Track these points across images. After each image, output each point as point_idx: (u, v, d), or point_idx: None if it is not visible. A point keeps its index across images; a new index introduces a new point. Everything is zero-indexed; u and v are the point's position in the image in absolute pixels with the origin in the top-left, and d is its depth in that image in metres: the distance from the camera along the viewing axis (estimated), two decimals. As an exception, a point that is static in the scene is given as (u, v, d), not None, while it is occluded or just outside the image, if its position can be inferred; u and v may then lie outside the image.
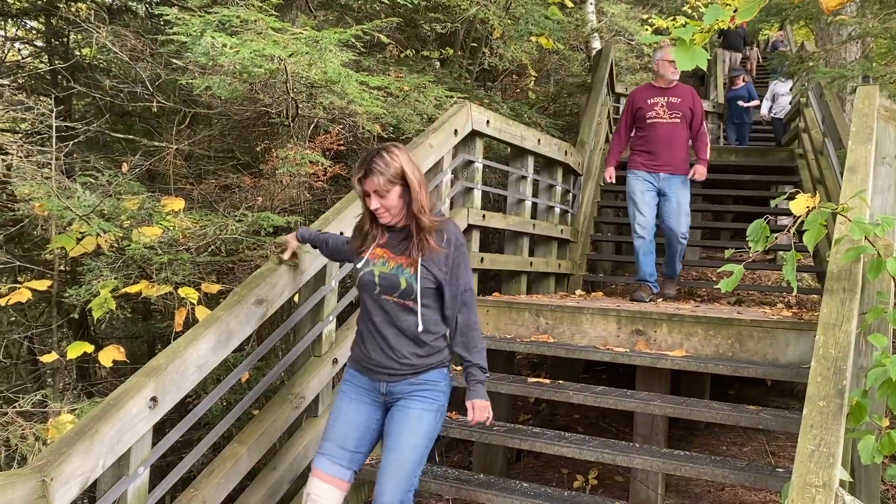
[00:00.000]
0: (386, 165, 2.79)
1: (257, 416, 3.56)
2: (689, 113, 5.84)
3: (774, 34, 17.41)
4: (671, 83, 5.85)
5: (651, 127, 5.80)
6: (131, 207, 3.77)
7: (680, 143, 5.79)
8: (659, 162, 5.79)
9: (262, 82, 4.26)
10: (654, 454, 3.63)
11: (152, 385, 2.85)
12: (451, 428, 4.03)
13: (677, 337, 4.43)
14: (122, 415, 2.73)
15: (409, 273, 2.83)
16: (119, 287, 3.58)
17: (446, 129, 4.78)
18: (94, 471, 2.65)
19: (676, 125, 5.79)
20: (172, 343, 3.11)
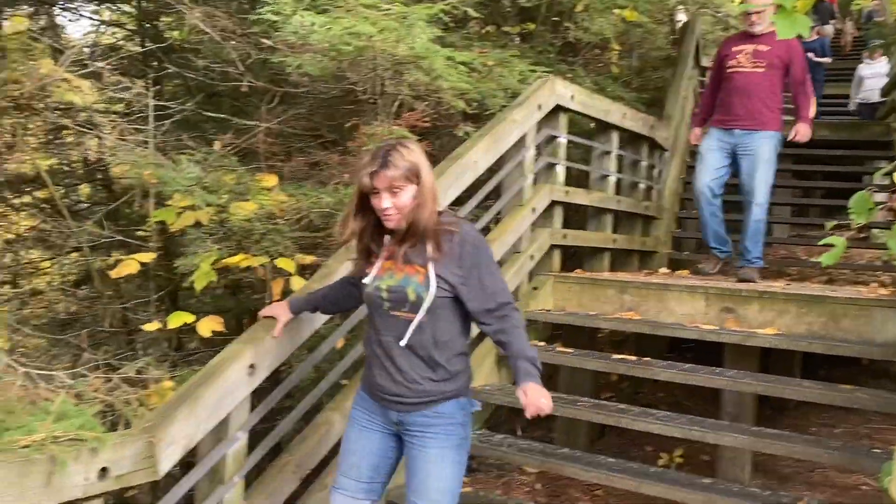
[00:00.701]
0: (403, 159, 2.51)
1: (348, 385, 3.66)
2: (779, 62, 5.22)
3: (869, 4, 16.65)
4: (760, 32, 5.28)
5: (729, 78, 5.30)
6: (229, 182, 3.90)
7: (760, 94, 5.18)
8: (733, 116, 5.27)
9: (350, 60, 4.32)
10: (744, 432, 3.58)
11: (250, 353, 2.96)
12: (536, 402, 4.04)
13: (768, 315, 4.34)
14: (222, 381, 2.85)
15: (418, 282, 2.53)
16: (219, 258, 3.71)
17: (530, 104, 4.76)
18: (196, 434, 2.78)
19: (759, 74, 5.18)
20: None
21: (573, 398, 4.16)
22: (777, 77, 5.22)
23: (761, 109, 5.19)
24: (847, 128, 9.12)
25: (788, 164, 8.52)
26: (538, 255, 5.04)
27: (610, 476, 3.45)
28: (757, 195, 5.20)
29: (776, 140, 5.26)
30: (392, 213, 2.52)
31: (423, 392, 2.57)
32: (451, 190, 4.18)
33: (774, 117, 5.24)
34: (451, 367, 2.60)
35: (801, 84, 5.30)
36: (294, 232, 3.95)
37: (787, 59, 5.23)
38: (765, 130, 5.19)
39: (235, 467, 2.99)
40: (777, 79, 5.23)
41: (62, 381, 3.66)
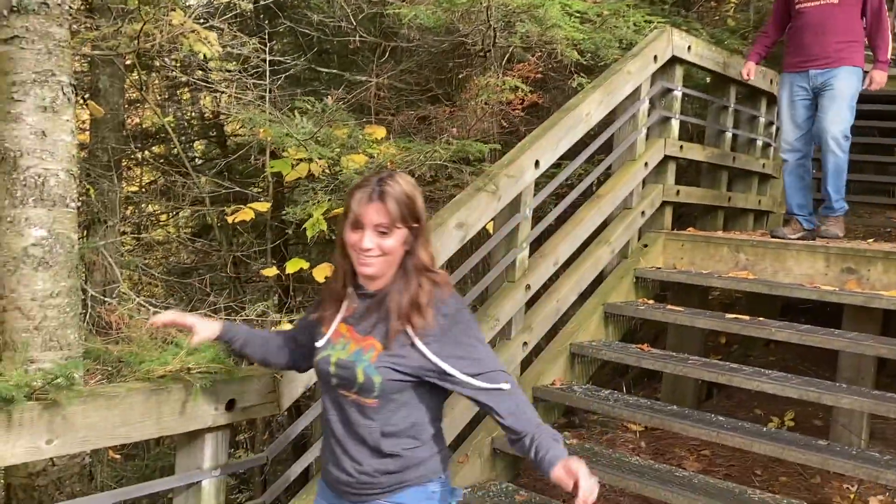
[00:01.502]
0: (405, 195, 2.01)
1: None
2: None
3: None
4: None
5: (799, 15, 4.85)
6: (341, 135, 3.99)
7: (837, 29, 4.72)
8: (807, 56, 4.80)
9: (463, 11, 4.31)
10: (863, 394, 3.45)
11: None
12: (644, 359, 4.02)
13: (893, 276, 4.13)
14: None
15: (370, 361, 2.01)
16: (331, 209, 3.82)
17: (645, 55, 4.64)
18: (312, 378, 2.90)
19: (832, 7, 4.72)
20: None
21: (683, 356, 4.10)
22: (853, 9, 4.76)
23: (838, 45, 4.74)
24: None
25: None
26: (649, 211, 4.96)
27: (721, 434, 3.39)
28: (834, 132, 4.74)
29: (855, 76, 4.79)
30: (372, 260, 2.01)
31: (376, 484, 2.08)
32: (562, 143, 4.15)
33: (854, 53, 4.78)
34: (413, 454, 2.08)
35: (877, 18, 4.78)
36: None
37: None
38: (845, 66, 4.76)
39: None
40: (853, 12, 4.76)
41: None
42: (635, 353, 4.09)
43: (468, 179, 4.19)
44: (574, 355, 4.21)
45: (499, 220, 3.90)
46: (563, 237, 4.32)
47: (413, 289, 2.02)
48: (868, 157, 8.29)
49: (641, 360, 4.03)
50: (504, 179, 3.72)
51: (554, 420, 4.25)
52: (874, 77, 4.83)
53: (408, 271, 2.05)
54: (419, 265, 2.05)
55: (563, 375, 4.17)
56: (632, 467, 3.48)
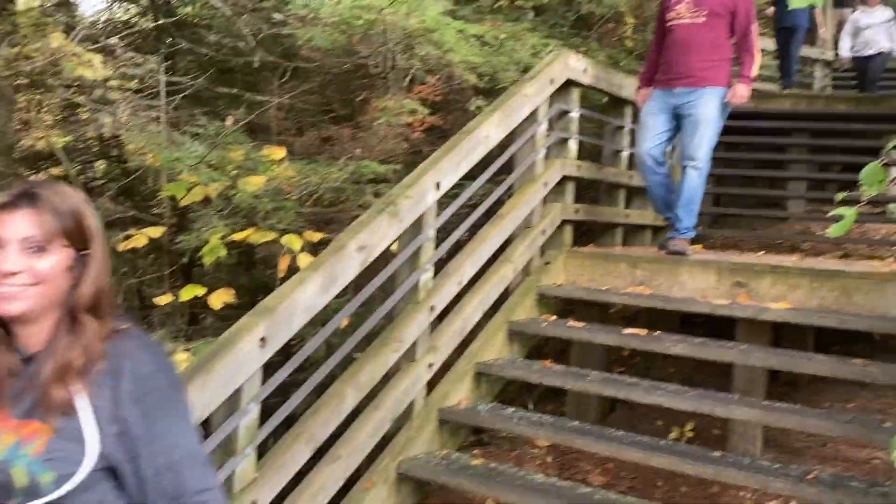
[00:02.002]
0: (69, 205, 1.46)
1: (360, 359, 3.69)
2: (722, 9, 4.71)
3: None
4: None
5: (669, 32, 4.81)
6: (237, 158, 3.92)
7: (702, 48, 4.68)
8: (673, 73, 4.77)
9: (361, 34, 4.31)
10: (754, 405, 3.58)
11: (263, 325, 2.99)
12: (547, 376, 4.07)
13: (781, 289, 4.31)
14: (234, 353, 2.88)
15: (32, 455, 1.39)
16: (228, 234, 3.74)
17: (542, 78, 4.74)
18: (209, 405, 2.81)
19: (700, 25, 4.68)
20: (281, 286, 3.25)
21: (584, 372, 4.17)
22: (722, 27, 4.73)
23: (704, 64, 4.70)
24: (866, 101, 8.99)
25: (805, 138, 8.44)
26: (550, 229, 5.03)
27: (620, 449, 3.46)
28: (697, 157, 4.73)
29: (720, 98, 4.77)
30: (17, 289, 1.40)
31: None
32: (462, 164, 4.19)
33: (719, 72, 4.76)
34: None
35: (743, 36, 4.77)
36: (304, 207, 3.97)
37: (732, 7, 4.73)
38: (707, 87, 4.72)
39: (248, 439, 3.03)
40: (722, 29, 4.74)
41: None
42: (538, 371, 4.14)
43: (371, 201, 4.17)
44: (479, 374, 4.23)
45: (402, 242, 3.89)
46: (466, 257, 4.35)
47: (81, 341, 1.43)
48: (761, 173, 8.69)
49: (544, 378, 4.08)
50: (406, 201, 3.72)
51: (462, 440, 4.26)
52: (737, 90, 4.77)
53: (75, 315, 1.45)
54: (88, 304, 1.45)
55: (469, 395, 4.18)
56: (536, 486, 3.50)
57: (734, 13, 4.71)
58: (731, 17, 4.71)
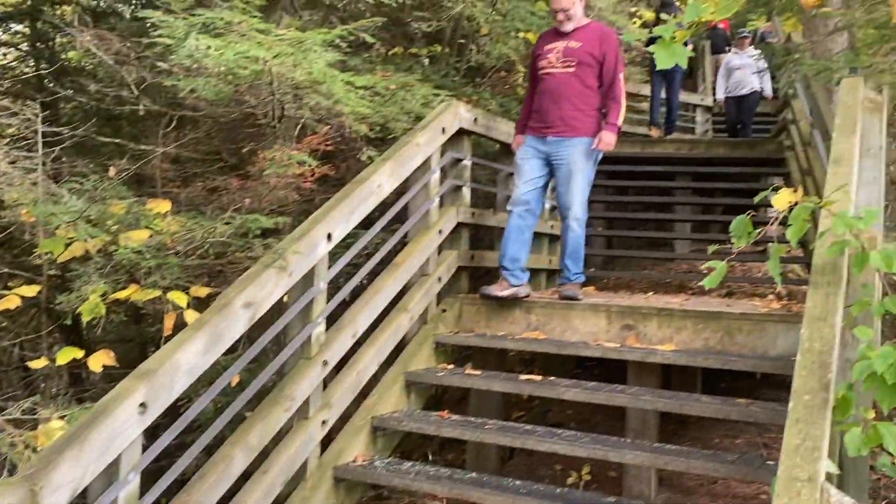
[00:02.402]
0: None
1: (249, 419, 3.56)
2: (591, 59, 4.73)
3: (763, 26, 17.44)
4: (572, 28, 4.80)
5: (542, 80, 4.84)
6: (118, 212, 3.77)
7: (573, 98, 4.72)
8: (544, 122, 4.80)
9: (248, 84, 4.25)
10: (645, 449, 3.64)
11: (142, 390, 2.85)
12: (444, 427, 4.04)
13: (667, 331, 4.44)
14: (111, 421, 2.73)
15: None
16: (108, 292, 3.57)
17: (434, 128, 4.78)
18: (84, 478, 2.65)
19: (570, 75, 4.72)
20: (162, 347, 3.11)
21: (481, 421, 4.16)
22: (591, 76, 4.76)
23: (574, 114, 4.74)
24: (743, 145, 9.49)
25: (688, 181, 8.82)
26: (446, 276, 5.05)
27: (516, 499, 3.45)
28: (573, 209, 4.81)
29: (592, 149, 4.82)
30: None
31: None
32: (355, 214, 4.15)
33: (589, 122, 4.78)
34: None
35: (611, 85, 4.80)
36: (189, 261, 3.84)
37: (601, 57, 4.77)
38: (578, 137, 4.76)
39: (128, 511, 2.86)
40: (591, 78, 4.76)
41: (-59, 426, 3.45)
42: (435, 422, 4.10)
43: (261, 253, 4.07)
44: (376, 428, 4.16)
45: (292, 295, 3.81)
46: (361, 308, 4.29)
47: None
48: (649, 215, 9.01)
49: (441, 429, 4.04)
50: (294, 255, 3.65)
51: (360, 497, 4.16)
52: (603, 137, 4.78)
53: None
54: None
55: (366, 450, 4.10)
56: (433, 541, 3.45)
57: (602, 62, 4.76)
58: (599, 66, 4.77)
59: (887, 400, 2.32)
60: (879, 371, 2.26)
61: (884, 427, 2.30)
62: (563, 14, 4.75)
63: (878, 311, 2.57)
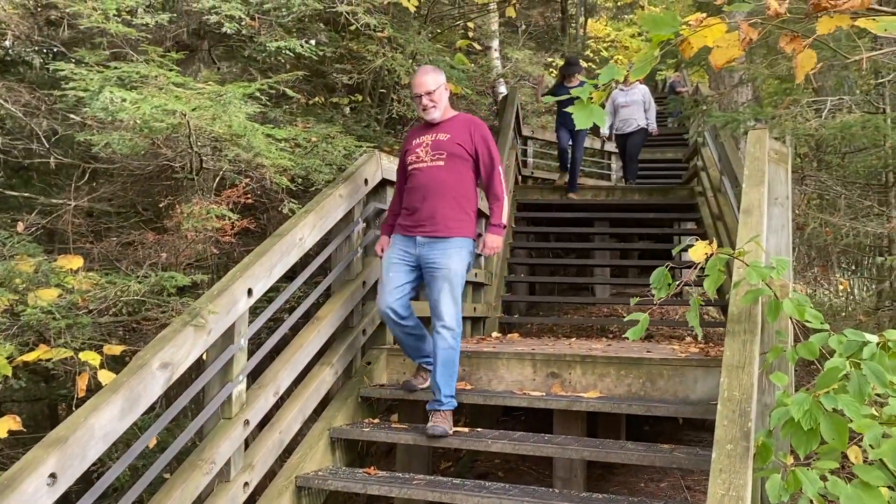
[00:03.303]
0: None
1: (167, 484, 3.41)
2: (462, 151, 4.30)
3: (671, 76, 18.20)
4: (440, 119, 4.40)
5: (411, 176, 4.39)
6: (27, 269, 3.61)
7: (445, 194, 4.25)
8: (415, 221, 4.31)
9: (165, 136, 4.17)
10: (573, 500, 3.63)
11: (52, 460, 2.70)
12: (370, 484, 3.95)
13: (591, 378, 4.49)
14: (17, 495, 2.57)
15: None
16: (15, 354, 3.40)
17: (356, 179, 4.77)
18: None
19: (440, 169, 4.27)
20: (74, 412, 2.97)
21: (409, 476, 4.09)
22: (464, 171, 4.31)
23: (446, 212, 4.24)
24: (657, 192, 9.81)
25: (606, 227, 9.04)
26: (371, 328, 5.00)
27: (446, 556, 3.39)
28: (445, 319, 4.21)
29: (466, 250, 4.31)
30: None
31: None
32: (276, 269, 4.08)
33: (464, 221, 4.30)
34: None
35: (489, 180, 4.36)
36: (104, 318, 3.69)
37: (472, 150, 4.33)
38: (452, 237, 4.25)
39: (34, 590, 2.68)
40: (465, 173, 4.32)
41: None
42: (362, 479, 4.02)
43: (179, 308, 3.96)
44: (300, 489, 4.04)
45: (212, 353, 3.70)
46: (283, 364, 4.20)
47: None
48: (570, 261, 9.17)
49: (368, 487, 3.95)
50: (212, 315, 3.55)
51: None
52: (487, 241, 4.35)
53: None
54: None
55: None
56: None
57: (476, 156, 4.34)
58: (473, 160, 4.34)
59: (803, 445, 2.38)
60: (796, 417, 2.32)
61: (801, 472, 2.36)
62: (426, 98, 4.30)
63: (792, 357, 2.65)
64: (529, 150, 11.06)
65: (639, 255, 9.64)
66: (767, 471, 2.46)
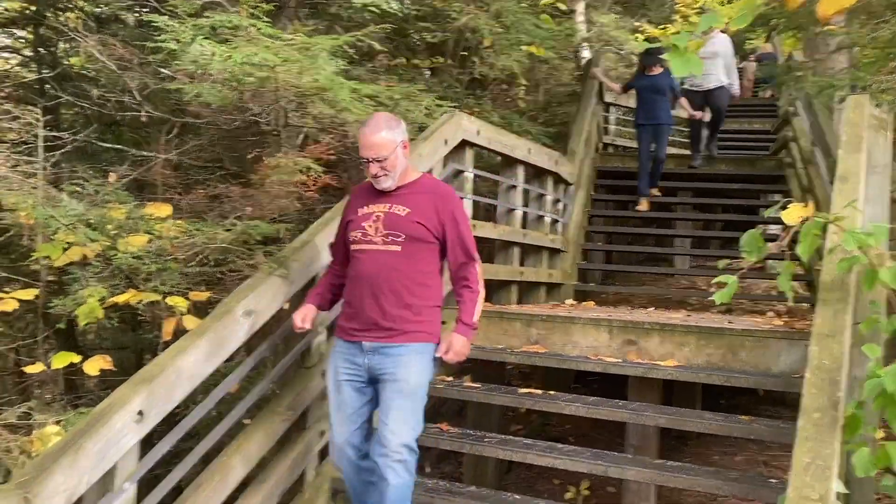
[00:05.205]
0: None
1: (247, 429, 3.52)
2: (424, 232, 3.21)
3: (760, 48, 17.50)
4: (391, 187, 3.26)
5: (355, 260, 3.29)
6: (118, 217, 3.74)
7: (398, 288, 3.18)
8: (359, 323, 3.23)
9: (252, 91, 4.23)
10: (646, 465, 3.60)
11: (139, 398, 2.81)
12: (443, 440, 3.99)
13: (669, 347, 4.41)
14: (106, 430, 2.69)
15: None
16: (106, 297, 3.54)
17: (436, 139, 4.76)
18: (78, 487, 2.60)
19: (394, 256, 3.19)
20: (160, 354, 3.07)
21: (480, 434, 4.12)
22: (426, 258, 3.26)
23: (399, 312, 3.18)
24: (744, 162, 9.50)
25: (689, 197, 8.82)
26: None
27: (516, 514, 3.41)
28: (396, 442, 3.12)
29: (428, 357, 3.28)
30: None
31: None
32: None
33: (423, 323, 3.25)
34: None
35: (461, 266, 3.32)
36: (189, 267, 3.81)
37: (438, 228, 3.24)
38: (408, 343, 3.20)
39: (123, 520, 2.82)
40: (426, 260, 3.26)
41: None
42: (434, 435, 4.06)
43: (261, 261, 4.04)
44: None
45: (294, 303, 3.77)
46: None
47: None
48: (650, 230, 9.00)
49: (440, 442, 4.00)
50: (296, 263, 3.62)
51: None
52: (453, 343, 3.27)
53: None
54: None
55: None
56: (431, 555, 3.40)
57: (444, 237, 3.26)
58: (439, 241, 3.27)
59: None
60: (890, 389, 2.23)
61: (893, 448, 2.27)
62: (377, 166, 3.21)
63: (886, 328, 2.55)
64: (611, 116, 10.85)
65: (722, 227, 9.38)
66: (855, 444, 2.38)
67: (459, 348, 3.29)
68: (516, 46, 7.19)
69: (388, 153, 3.19)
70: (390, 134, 3.21)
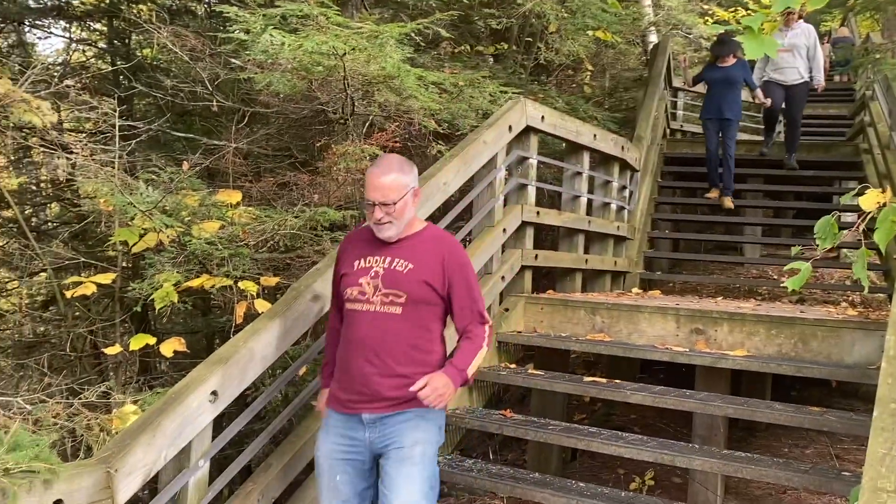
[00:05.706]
0: None
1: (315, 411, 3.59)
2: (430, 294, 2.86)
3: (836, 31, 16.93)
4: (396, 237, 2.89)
5: (350, 321, 2.91)
6: (192, 203, 3.85)
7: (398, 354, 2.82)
8: (355, 393, 2.85)
9: (320, 80, 4.30)
10: (714, 455, 3.55)
11: (214, 378, 2.90)
12: (506, 426, 4.01)
13: (738, 336, 4.33)
14: (183, 408, 2.78)
15: None
16: (181, 281, 3.65)
17: (500, 126, 4.75)
18: (157, 463, 2.71)
19: (393, 319, 2.83)
20: (234, 337, 3.16)
21: (544, 422, 4.12)
22: (429, 320, 2.89)
23: (402, 379, 2.80)
24: (818, 148, 9.22)
25: (759, 184, 8.60)
26: (509, 275, 5.01)
27: (581, 501, 3.40)
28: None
29: (437, 423, 2.94)
30: None
31: None
32: (421, 210, 4.15)
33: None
34: None
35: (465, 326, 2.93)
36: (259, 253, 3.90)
37: (444, 287, 2.88)
38: (414, 409, 2.82)
39: (198, 496, 2.92)
40: (429, 323, 2.89)
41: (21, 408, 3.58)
42: (497, 421, 4.08)
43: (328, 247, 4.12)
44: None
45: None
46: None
47: None
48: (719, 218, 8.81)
49: (504, 428, 4.02)
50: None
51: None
52: (433, 379, 2.76)
53: None
54: None
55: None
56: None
57: (449, 298, 2.91)
58: (445, 302, 2.92)
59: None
60: (972, 381, 2.15)
61: (975, 440, 2.19)
62: (382, 212, 2.83)
63: (968, 319, 2.45)
64: (679, 102, 10.65)
65: (794, 215, 9.13)
66: (934, 436, 2.30)
67: (439, 385, 2.74)
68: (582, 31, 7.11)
69: (396, 198, 2.80)
70: (402, 178, 2.83)
